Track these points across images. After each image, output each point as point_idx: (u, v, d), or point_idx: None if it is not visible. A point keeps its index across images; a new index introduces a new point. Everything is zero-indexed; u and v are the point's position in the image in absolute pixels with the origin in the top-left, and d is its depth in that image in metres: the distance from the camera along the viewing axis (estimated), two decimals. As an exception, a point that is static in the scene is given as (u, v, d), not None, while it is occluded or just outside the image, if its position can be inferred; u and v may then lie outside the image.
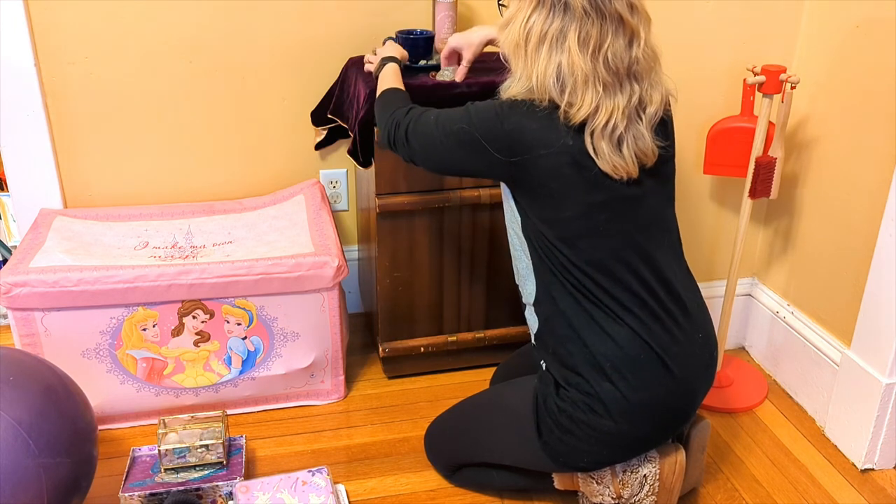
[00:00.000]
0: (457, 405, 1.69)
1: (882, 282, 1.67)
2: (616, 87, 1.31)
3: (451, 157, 1.46)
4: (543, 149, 1.33)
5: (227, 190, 2.12)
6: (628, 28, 1.30)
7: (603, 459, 1.46)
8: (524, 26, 1.33)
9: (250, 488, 1.55)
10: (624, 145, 1.32)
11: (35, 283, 1.64)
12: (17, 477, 1.27)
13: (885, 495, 1.70)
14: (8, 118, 1.91)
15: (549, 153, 1.33)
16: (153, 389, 1.80)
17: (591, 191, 1.34)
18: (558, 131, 1.32)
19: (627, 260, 1.38)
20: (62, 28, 1.88)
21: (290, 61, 2.03)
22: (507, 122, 1.35)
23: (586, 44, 1.29)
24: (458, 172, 1.60)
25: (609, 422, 1.39)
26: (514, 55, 1.37)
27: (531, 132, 1.34)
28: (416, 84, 1.76)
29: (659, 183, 1.42)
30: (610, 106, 1.30)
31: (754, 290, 2.16)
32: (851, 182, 1.80)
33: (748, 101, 1.83)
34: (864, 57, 1.73)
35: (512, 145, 1.35)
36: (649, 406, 1.40)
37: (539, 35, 1.31)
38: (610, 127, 1.31)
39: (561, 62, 1.30)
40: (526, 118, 1.34)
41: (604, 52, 1.29)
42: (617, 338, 1.38)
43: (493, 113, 1.38)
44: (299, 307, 1.79)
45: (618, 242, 1.38)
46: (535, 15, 1.32)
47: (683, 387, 1.43)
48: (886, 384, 1.69)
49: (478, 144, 1.38)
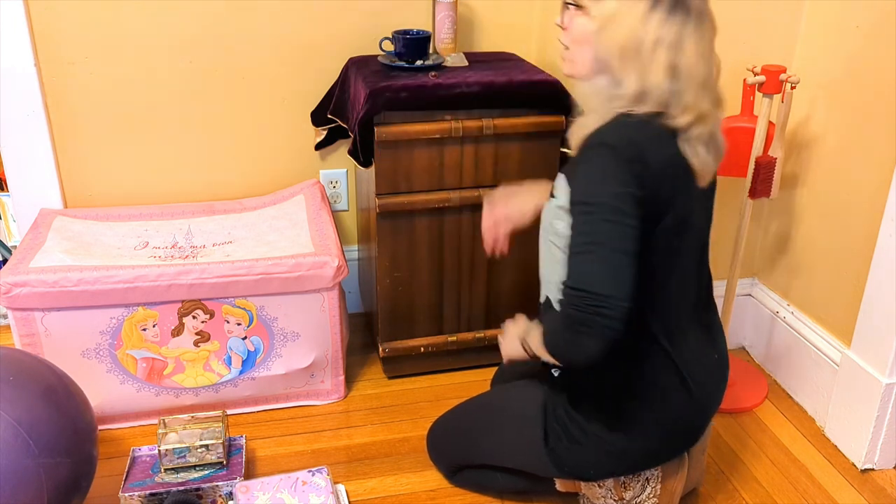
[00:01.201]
0: (460, 406, 1.69)
1: (882, 282, 1.67)
2: (711, 92, 1.28)
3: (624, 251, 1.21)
4: (657, 162, 1.25)
5: (227, 190, 2.12)
6: (714, 31, 1.28)
7: (610, 472, 1.44)
8: (639, 27, 1.22)
9: (250, 488, 1.55)
10: (712, 150, 1.30)
11: (35, 283, 1.64)
12: (17, 477, 1.27)
13: (885, 495, 1.70)
14: (8, 118, 1.91)
15: (661, 165, 1.25)
16: (153, 389, 1.80)
17: (678, 205, 1.30)
18: (668, 143, 1.27)
19: (679, 281, 1.35)
20: (62, 28, 1.88)
21: (290, 61, 2.03)
22: (625, 156, 1.23)
23: (700, 45, 1.24)
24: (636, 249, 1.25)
25: (622, 438, 1.38)
26: (622, 59, 1.24)
27: (650, 154, 1.24)
28: (415, 84, 1.76)
29: (710, 199, 1.41)
30: (709, 110, 1.27)
31: (754, 290, 2.16)
32: (851, 182, 1.80)
33: (748, 101, 1.82)
34: (864, 57, 1.73)
35: (641, 179, 1.23)
36: (665, 426, 1.39)
37: (656, 37, 1.22)
38: (708, 131, 1.28)
39: (678, 66, 1.23)
40: (641, 143, 1.24)
41: (709, 55, 1.26)
42: (647, 361, 1.35)
43: (607, 161, 1.23)
44: (299, 307, 1.79)
45: (679, 263, 1.34)
46: (651, 15, 1.22)
47: (700, 407, 1.42)
48: (886, 384, 1.69)
49: (620, 209, 1.22)
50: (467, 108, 1.80)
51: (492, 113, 1.81)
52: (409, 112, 1.76)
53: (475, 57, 2.01)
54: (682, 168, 1.28)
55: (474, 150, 1.82)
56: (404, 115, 1.76)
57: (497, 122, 1.80)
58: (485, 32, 2.14)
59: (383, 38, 1.91)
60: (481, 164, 1.84)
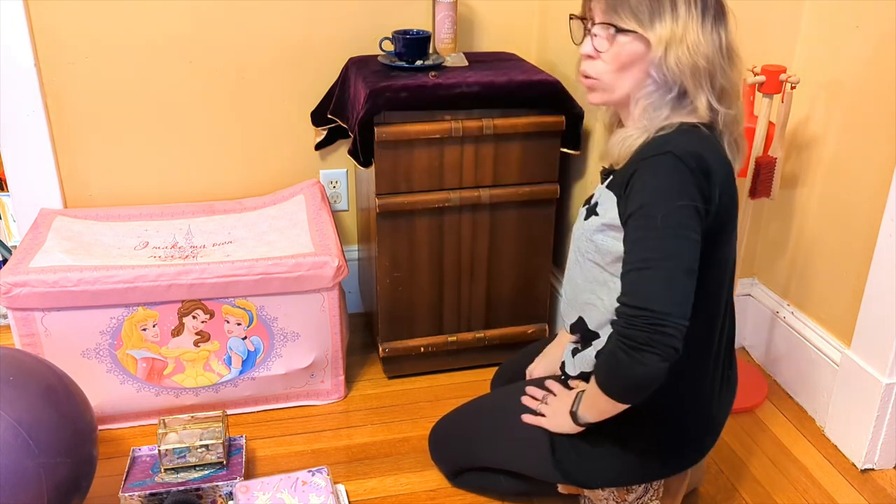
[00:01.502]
0: (464, 408, 1.66)
1: (882, 282, 1.67)
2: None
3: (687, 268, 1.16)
4: (717, 175, 1.21)
5: (227, 190, 2.12)
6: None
7: (615, 484, 1.43)
8: (698, 47, 1.19)
9: (250, 488, 1.55)
10: (738, 153, 1.30)
11: (35, 283, 1.64)
12: (17, 477, 1.27)
13: (885, 495, 1.70)
14: (8, 118, 1.91)
15: (721, 179, 1.22)
16: (153, 389, 1.80)
17: (733, 221, 1.28)
18: (723, 153, 1.25)
19: (714, 301, 1.31)
20: (62, 28, 1.88)
21: (290, 61, 2.03)
22: (690, 167, 1.18)
23: (733, 48, 1.25)
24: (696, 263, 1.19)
25: (635, 456, 1.37)
26: (694, 77, 1.21)
27: (713, 165, 1.21)
28: (415, 84, 1.76)
29: None
30: (739, 111, 1.27)
31: (754, 290, 2.16)
32: (851, 182, 1.80)
33: (748, 101, 1.82)
34: (864, 57, 1.73)
35: (705, 191, 1.19)
36: (677, 447, 1.38)
37: (720, 45, 1.22)
38: (738, 133, 1.28)
39: (735, 73, 1.25)
40: (704, 154, 1.20)
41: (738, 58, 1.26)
42: (665, 384, 1.27)
43: (672, 172, 1.18)
44: (299, 307, 1.79)
45: (720, 282, 1.31)
46: (706, 29, 1.21)
47: (709, 430, 1.42)
48: (886, 384, 1.69)
49: (686, 221, 1.17)
50: (467, 108, 1.80)
51: (492, 113, 1.81)
52: (409, 112, 1.76)
53: (475, 57, 2.01)
54: (734, 178, 1.26)
55: (474, 150, 1.82)
56: (404, 115, 1.76)
57: (497, 122, 1.80)
58: (485, 32, 2.14)
59: (383, 38, 1.91)
60: (481, 164, 1.84)
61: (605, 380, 1.22)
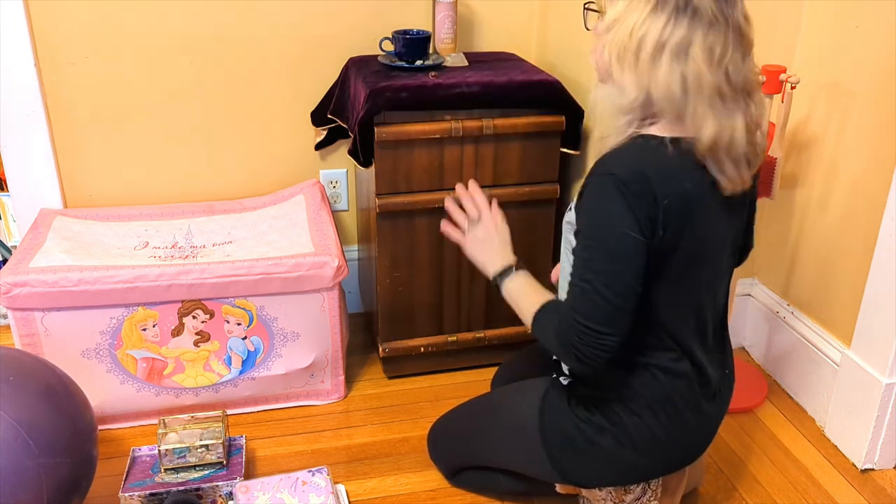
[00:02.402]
0: (460, 408, 1.67)
1: (882, 282, 1.67)
2: (735, 103, 1.20)
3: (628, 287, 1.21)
4: (665, 198, 1.19)
5: (227, 190, 2.12)
6: (745, 40, 1.19)
7: (615, 482, 1.43)
8: (638, 30, 1.16)
9: (250, 488, 1.55)
10: (742, 163, 1.23)
11: (35, 283, 1.64)
12: (17, 477, 1.27)
13: (885, 495, 1.70)
14: (8, 118, 1.91)
15: (670, 202, 1.20)
16: (153, 389, 1.80)
17: (693, 236, 1.25)
18: (684, 171, 1.21)
19: (695, 305, 1.32)
20: (62, 28, 1.88)
21: (291, 61, 2.03)
22: (632, 191, 1.18)
23: (712, 54, 1.15)
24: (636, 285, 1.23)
25: (630, 453, 1.36)
26: (621, 62, 1.19)
27: (661, 187, 1.19)
28: (415, 84, 1.76)
29: (741, 220, 1.37)
30: (731, 123, 1.19)
31: (754, 290, 2.16)
32: (851, 182, 1.80)
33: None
34: (864, 57, 1.73)
35: (649, 213, 1.19)
36: (672, 443, 1.38)
37: (657, 41, 1.16)
38: (733, 144, 1.20)
39: (685, 73, 1.16)
40: (652, 175, 1.18)
41: (725, 64, 1.17)
42: (659, 379, 1.33)
43: (612, 196, 1.18)
44: (299, 307, 1.79)
45: (695, 288, 1.31)
46: (653, 18, 1.16)
47: (707, 425, 1.42)
48: (886, 384, 1.69)
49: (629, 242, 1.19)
50: (467, 108, 1.80)
51: (492, 113, 1.81)
52: (409, 112, 1.76)
53: (475, 57, 2.01)
54: (697, 197, 1.23)
55: (474, 150, 1.82)
56: (404, 115, 1.76)
57: (497, 122, 1.80)
58: (485, 32, 2.14)
59: (383, 38, 1.91)
60: (481, 164, 1.84)
61: (537, 331, 1.32)
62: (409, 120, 1.77)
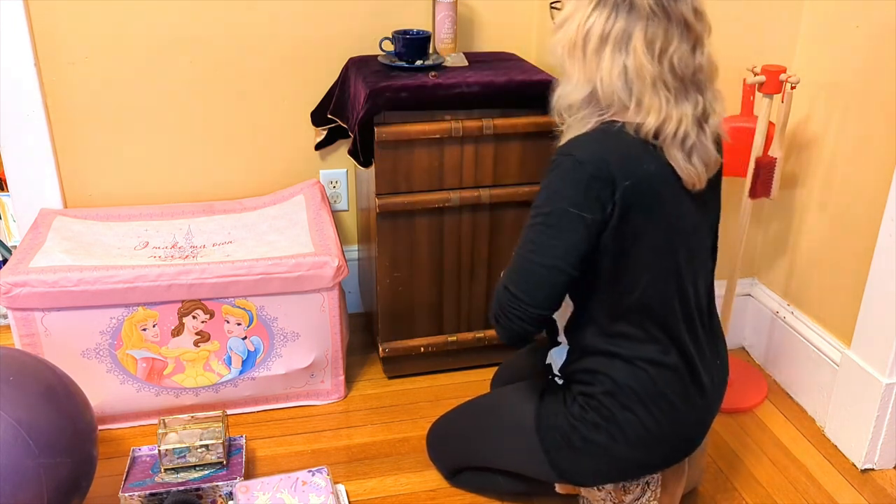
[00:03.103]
0: (460, 408, 1.67)
1: (882, 282, 1.67)
2: (682, 94, 1.24)
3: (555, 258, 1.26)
4: (626, 181, 1.23)
5: (227, 190, 2.12)
6: (693, 33, 1.24)
7: (611, 478, 1.44)
8: (583, 26, 1.23)
9: (250, 488, 1.55)
10: (694, 155, 1.27)
11: (35, 283, 1.64)
12: (17, 477, 1.27)
13: (885, 495, 1.70)
14: (8, 118, 1.91)
15: (632, 184, 1.24)
16: (153, 389, 1.80)
17: (661, 221, 1.29)
18: (645, 156, 1.25)
19: (675, 293, 1.34)
20: (62, 28, 1.88)
21: (290, 61, 2.03)
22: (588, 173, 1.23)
23: (652, 46, 1.21)
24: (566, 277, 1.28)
25: (625, 448, 1.37)
26: (571, 56, 1.27)
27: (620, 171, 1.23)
28: (415, 84, 1.76)
29: (711, 207, 1.39)
30: (678, 113, 1.23)
31: (754, 290, 2.16)
32: (851, 182, 1.80)
33: (748, 101, 1.82)
34: (864, 57, 1.73)
35: (601, 196, 1.23)
36: (667, 436, 1.38)
37: (601, 35, 1.22)
38: (681, 135, 1.24)
39: (626, 64, 1.22)
40: (611, 159, 1.23)
41: (669, 55, 1.22)
42: (648, 372, 1.35)
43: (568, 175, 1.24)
44: (299, 307, 1.79)
45: (671, 275, 1.32)
46: (595, 13, 1.23)
47: (702, 414, 1.42)
48: (886, 384, 1.69)
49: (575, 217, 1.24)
50: (467, 108, 1.80)
51: (492, 113, 1.81)
52: (409, 112, 1.76)
53: (475, 57, 2.01)
54: (662, 178, 1.26)
55: (474, 150, 1.82)
56: (404, 115, 1.76)
57: (497, 122, 1.80)
58: (485, 32, 2.14)
59: (383, 38, 1.91)
60: (481, 164, 1.84)
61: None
62: (409, 120, 1.77)
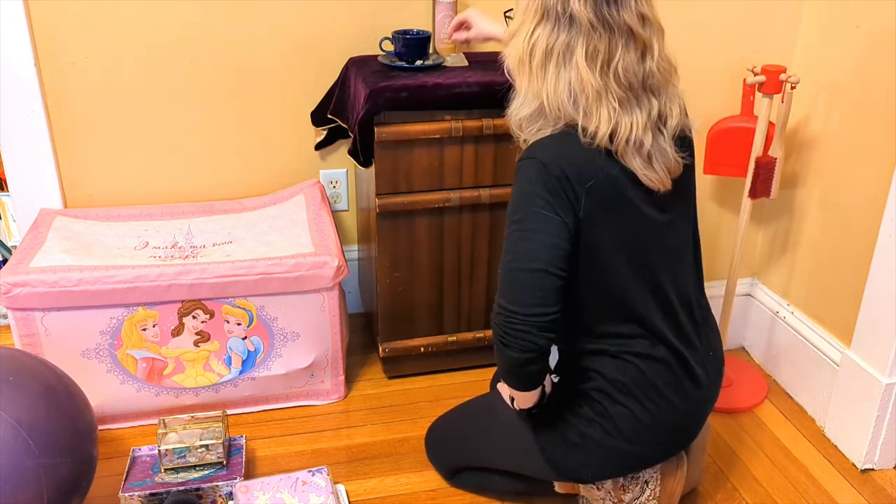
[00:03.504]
0: (458, 408, 1.69)
1: (882, 282, 1.67)
2: (632, 102, 1.25)
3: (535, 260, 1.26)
4: (589, 181, 1.26)
5: (227, 190, 2.12)
6: (639, 41, 1.24)
7: (607, 474, 1.44)
8: (528, 41, 1.26)
9: (250, 488, 1.55)
10: (654, 161, 1.28)
11: (35, 283, 1.64)
12: (17, 477, 1.27)
13: (885, 495, 1.70)
14: (8, 118, 1.91)
15: (595, 184, 1.26)
16: (153, 389, 1.80)
17: (628, 220, 1.30)
18: (607, 159, 1.27)
19: (653, 289, 1.35)
20: (62, 28, 1.88)
21: (290, 61, 2.03)
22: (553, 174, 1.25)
23: (594, 59, 1.23)
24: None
25: (620, 442, 1.38)
26: (519, 71, 1.30)
27: (583, 171, 1.25)
28: (415, 84, 1.76)
29: (683, 202, 1.40)
30: (629, 121, 1.24)
31: (754, 290, 2.16)
32: (851, 182, 1.80)
33: (748, 101, 1.83)
34: (864, 57, 1.73)
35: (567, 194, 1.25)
36: (661, 428, 1.39)
37: (544, 50, 1.24)
38: (634, 142, 1.25)
39: (570, 79, 1.24)
40: (574, 160, 1.25)
41: (614, 66, 1.23)
42: (637, 366, 1.36)
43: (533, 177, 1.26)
44: (299, 307, 1.79)
45: (646, 271, 1.34)
46: (539, 29, 1.25)
47: (695, 407, 1.43)
48: (886, 384, 1.69)
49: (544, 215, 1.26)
50: (467, 108, 1.80)
51: (492, 113, 1.81)
52: (409, 112, 1.76)
53: (475, 57, 2.01)
54: (622, 182, 1.27)
55: (474, 150, 1.82)
56: (404, 115, 1.76)
57: (497, 122, 1.80)
58: (485, 32, 2.13)
59: (383, 38, 1.91)
60: (481, 164, 1.84)
61: (500, 370, 1.41)
62: (409, 120, 1.77)
